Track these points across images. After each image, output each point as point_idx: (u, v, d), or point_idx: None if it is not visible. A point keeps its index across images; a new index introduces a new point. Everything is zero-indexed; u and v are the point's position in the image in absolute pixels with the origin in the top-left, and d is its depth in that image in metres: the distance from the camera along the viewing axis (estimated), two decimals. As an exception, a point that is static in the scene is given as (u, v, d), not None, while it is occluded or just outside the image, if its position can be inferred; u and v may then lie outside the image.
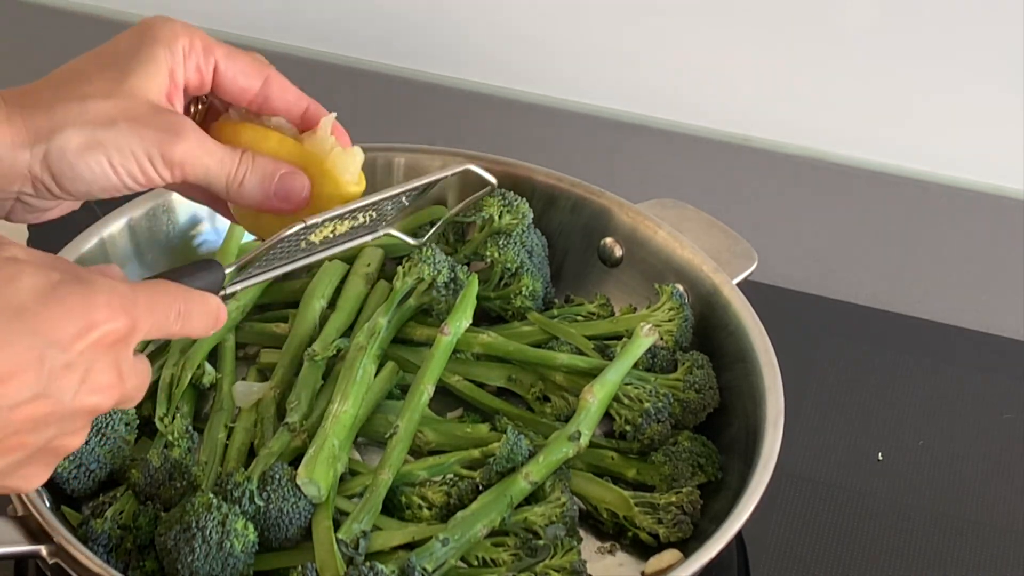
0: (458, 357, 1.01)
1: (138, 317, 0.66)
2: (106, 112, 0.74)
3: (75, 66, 0.76)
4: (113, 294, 0.65)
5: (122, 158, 0.73)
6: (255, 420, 0.97)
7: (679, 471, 0.94)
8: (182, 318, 0.69)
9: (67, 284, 0.64)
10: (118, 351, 0.65)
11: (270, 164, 0.78)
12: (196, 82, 0.79)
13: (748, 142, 1.36)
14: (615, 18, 1.35)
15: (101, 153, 0.73)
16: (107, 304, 0.64)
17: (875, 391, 1.10)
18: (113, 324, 0.64)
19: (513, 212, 1.06)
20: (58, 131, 0.73)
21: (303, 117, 0.81)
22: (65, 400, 0.64)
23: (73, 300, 0.63)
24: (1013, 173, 1.30)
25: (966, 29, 1.26)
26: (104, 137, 0.73)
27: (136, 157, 0.74)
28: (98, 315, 0.64)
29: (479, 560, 0.89)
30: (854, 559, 0.97)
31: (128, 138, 0.73)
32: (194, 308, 0.70)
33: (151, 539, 0.88)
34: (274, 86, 0.80)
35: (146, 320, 0.67)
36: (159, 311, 0.68)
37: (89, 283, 0.65)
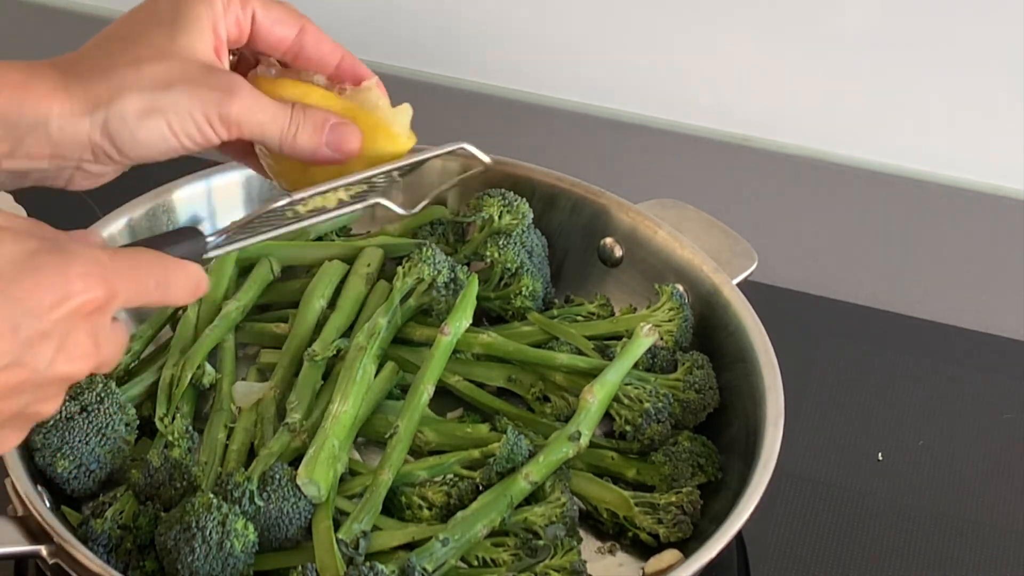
0: (458, 357, 1.01)
1: (116, 286, 0.66)
2: (163, 75, 0.74)
3: (119, 30, 0.77)
4: (91, 263, 0.65)
5: (181, 121, 0.74)
6: (255, 420, 0.97)
7: (679, 471, 0.94)
8: (161, 287, 0.69)
9: (44, 253, 0.64)
10: (95, 320, 0.65)
11: (320, 115, 0.78)
12: (235, 34, 0.79)
13: (748, 142, 1.36)
14: (615, 18, 1.35)
15: (160, 117, 0.73)
16: (84, 274, 0.64)
17: (875, 391, 1.10)
18: (90, 294, 0.64)
19: (513, 212, 1.06)
20: (117, 98, 0.73)
21: (338, 68, 0.81)
22: (40, 368, 0.64)
23: (50, 269, 0.63)
24: (1013, 173, 1.30)
25: (966, 29, 1.26)
26: (163, 102, 0.73)
27: (195, 119, 0.74)
28: (75, 285, 0.64)
29: (479, 560, 0.89)
30: (854, 559, 0.97)
31: (186, 101, 0.74)
32: (173, 276, 0.70)
33: (151, 539, 0.88)
34: (309, 36, 0.80)
35: (124, 289, 0.66)
36: (138, 280, 0.68)
37: (67, 252, 0.64)
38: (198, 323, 1.01)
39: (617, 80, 1.38)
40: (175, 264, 0.70)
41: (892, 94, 1.31)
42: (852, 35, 1.29)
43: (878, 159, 1.33)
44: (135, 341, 1.00)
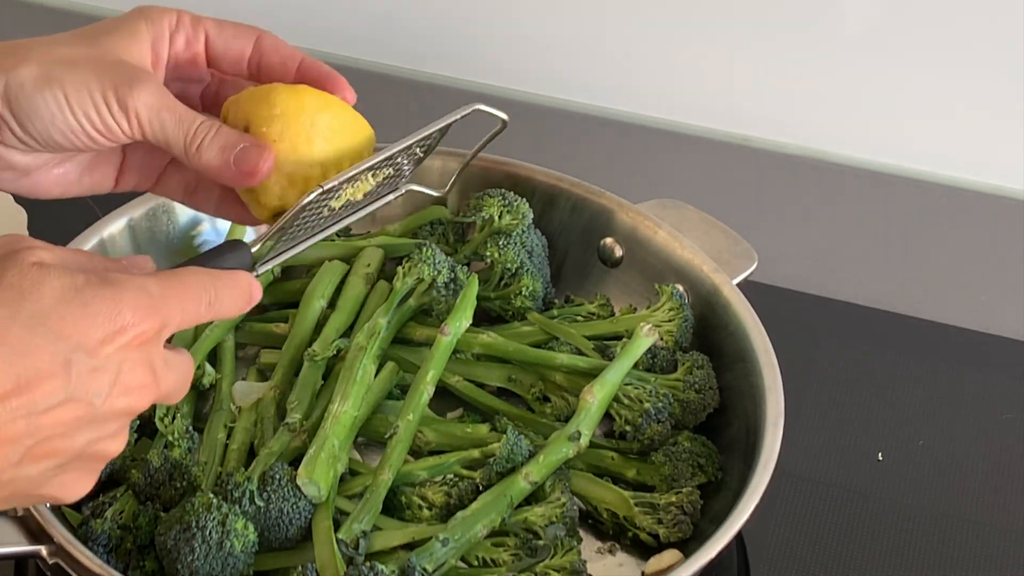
0: (458, 357, 1.01)
1: (168, 313, 0.65)
2: (71, 55, 0.73)
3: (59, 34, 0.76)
4: (140, 294, 0.64)
5: (77, 93, 0.72)
6: (255, 420, 0.97)
7: (679, 471, 0.94)
8: (213, 305, 0.68)
9: (92, 287, 0.63)
10: (149, 350, 0.65)
11: (234, 135, 0.75)
12: (188, 56, 0.78)
13: (748, 142, 1.36)
14: (615, 18, 1.35)
15: (57, 87, 0.72)
16: (134, 306, 0.64)
17: (875, 391, 1.10)
18: (142, 326, 0.64)
19: (513, 212, 1.06)
20: (19, 65, 0.72)
21: (299, 71, 0.80)
22: (96, 403, 0.63)
23: (99, 304, 0.63)
24: (1013, 173, 1.30)
25: (966, 29, 1.26)
26: (62, 73, 0.72)
27: (91, 95, 0.72)
28: (125, 318, 0.63)
29: (479, 560, 0.89)
30: (854, 559, 0.97)
31: (85, 76, 0.72)
32: (224, 291, 0.69)
33: (151, 539, 0.88)
34: (266, 44, 0.79)
35: (176, 314, 0.66)
36: (189, 303, 0.67)
37: (116, 284, 0.64)
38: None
39: (617, 80, 1.38)
40: (225, 278, 0.70)
41: (892, 94, 1.31)
42: (852, 35, 1.29)
43: (878, 159, 1.33)
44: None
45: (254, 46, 0.79)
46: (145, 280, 0.65)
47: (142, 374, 0.64)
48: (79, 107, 0.72)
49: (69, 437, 0.63)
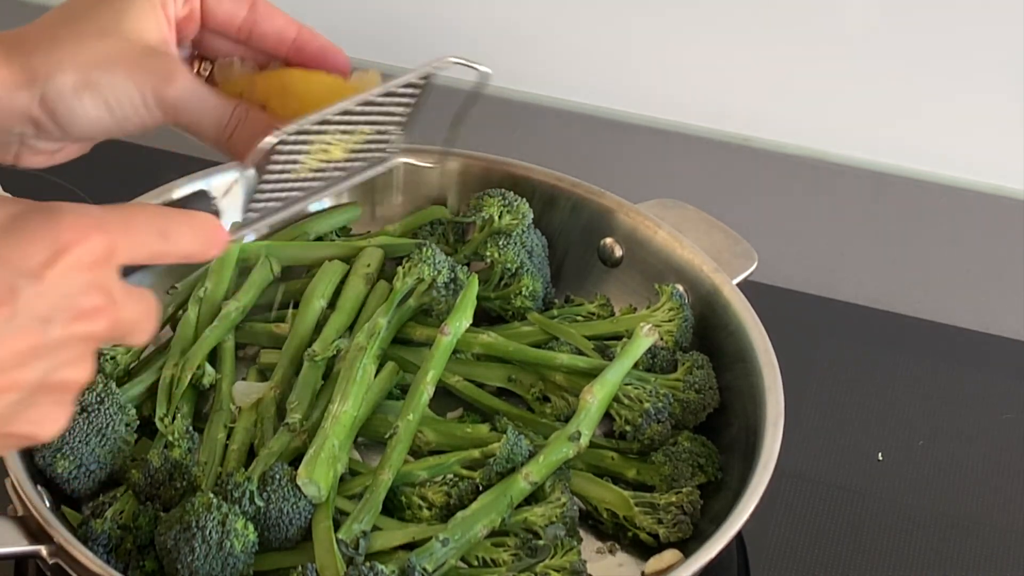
0: (458, 357, 1.01)
1: (114, 235, 0.63)
2: (102, 53, 0.73)
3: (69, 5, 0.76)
4: (80, 214, 0.62)
5: (117, 99, 0.73)
6: (255, 420, 0.96)
7: (679, 471, 0.94)
8: (165, 236, 0.66)
9: (29, 213, 0.61)
10: (100, 272, 0.62)
11: (263, 122, 0.76)
12: (185, 13, 0.78)
13: (748, 142, 1.36)
14: (615, 18, 1.35)
15: (98, 95, 0.73)
16: (74, 224, 0.62)
17: (875, 391, 1.10)
18: (86, 244, 0.62)
19: (513, 212, 1.06)
20: (55, 73, 0.73)
21: (295, 43, 0.80)
22: (48, 329, 0.61)
23: (36, 225, 0.61)
24: (1013, 173, 1.30)
25: (966, 29, 1.26)
26: (100, 79, 0.73)
27: (131, 98, 0.74)
28: (65, 236, 0.61)
29: (479, 560, 0.89)
30: (854, 559, 0.97)
31: (123, 81, 0.73)
32: (179, 225, 0.67)
33: (151, 539, 0.88)
34: (260, 9, 0.80)
35: (124, 238, 0.64)
36: (137, 228, 0.65)
37: (54, 209, 0.62)
38: (198, 323, 1.01)
39: (617, 80, 1.38)
40: (179, 213, 0.67)
41: (892, 94, 1.31)
42: (851, 35, 1.29)
43: (878, 159, 1.33)
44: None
45: (249, 10, 0.80)
46: (87, 206, 0.63)
47: (95, 296, 0.62)
48: (119, 109, 0.74)
49: (26, 366, 0.61)
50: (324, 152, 0.77)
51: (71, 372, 0.63)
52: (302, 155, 0.76)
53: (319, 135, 0.76)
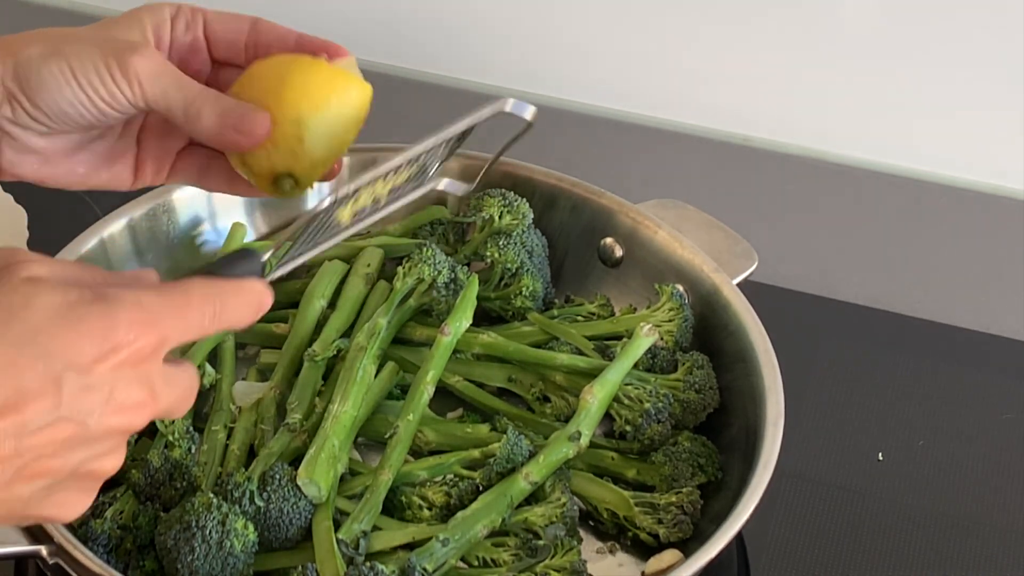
0: (458, 357, 1.01)
1: (166, 328, 0.63)
2: (75, 34, 0.75)
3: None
4: (136, 309, 0.62)
5: (81, 65, 0.73)
6: (255, 420, 0.97)
7: (679, 471, 0.94)
8: (218, 316, 0.66)
9: (86, 303, 0.61)
10: (146, 367, 0.63)
11: (231, 102, 0.75)
12: (188, 40, 0.79)
13: (748, 142, 1.36)
14: (615, 18, 1.35)
15: (62, 59, 0.73)
16: (129, 321, 0.62)
17: (875, 391, 1.10)
18: (138, 343, 0.62)
19: (513, 212, 1.06)
20: (27, 47, 0.74)
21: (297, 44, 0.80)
22: (88, 423, 0.61)
23: (92, 320, 0.61)
24: (1013, 173, 1.30)
25: (966, 29, 1.26)
26: (66, 48, 0.73)
27: (94, 63, 0.73)
28: (120, 335, 0.61)
29: (479, 560, 0.89)
30: (854, 559, 0.97)
31: (88, 48, 0.73)
32: (230, 302, 0.67)
33: (151, 539, 0.88)
34: (262, 26, 0.80)
35: (175, 329, 0.64)
36: (191, 317, 0.65)
37: (110, 300, 0.62)
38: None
39: (617, 80, 1.38)
40: (230, 288, 0.68)
41: (892, 94, 1.31)
42: (852, 35, 1.29)
43: (878, 159, 1.33)
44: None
45: (250, 30, 0.80)
46: (142, 294, 0.63)
47: (138, 392, 0.63)
48: (83, 76, 0.73)
49: (61, 457, 0.61)
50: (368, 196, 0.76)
51: (104, 463, 0.64)
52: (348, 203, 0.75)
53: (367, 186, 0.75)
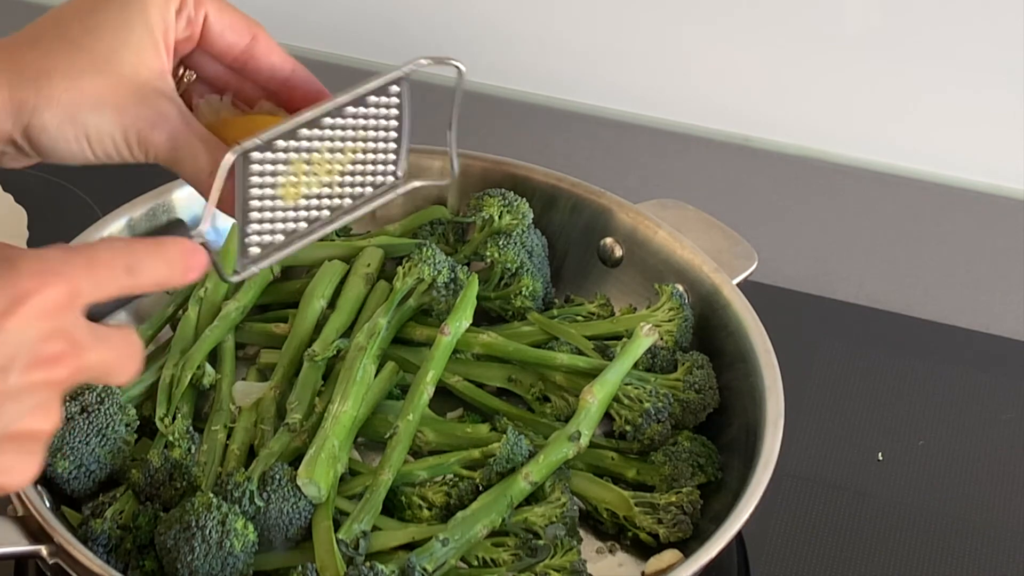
0: (458, 357, 1.01)
1: (74, 279, 0.61)
2: (93, 94, 0.72)
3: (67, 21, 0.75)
4: (39, 260, 0.61)
5: (99, 140, 0.72)
6: (255, 420, 0.96)
7: (679, 471, 0.94)
8: (133, 271, 0.65)
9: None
10: (61, 317, 0.61)
11: None
12: (185, 35, 0.77)
13: (748, 142, 1.36)
14: (615, 18, 1.35)
15: (81, 132, 0.72)
16: (32, 272, 0.60)
17: (875, 391, 1.10)
18: (45, 291, 0.60)
19: (513, 212, 1.06)
20: (42, 107, 0.71)
21: (288, 81, 0.79)
22: (7, 379, 0.60)
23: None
24: (1013, 173, 1.30)
25: (966, 29, 1.26)
26: (86, 119, 0.72)
27: (114, 140, 0.73)
28: (23, 285, 0.60)
29: (479, 560, 0.89)
30: (854, 559, 0.97)
31: (109, 124, 0.72)
32: (145, 257, 0.66)
33: (151, 539, 0.88)
34: (260, 45, 0.78)
35: (87, 280, 0.62)
36: (100, 270, 0.63)
37: (11, 258, 0.61)
38: (198, 323, 1.01)
39: (617, 80, 1.38)
40: (145, 244, 0.66)
41: (892, 94, 1.31)
42: (852, 35, 1.29)
43: (878, 159, 1.33)
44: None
45: (249, 42, 0.78)
46: (46, 251, 0.62)
47: (55, 344, 0.61)
48: (100, 149, 0.73)
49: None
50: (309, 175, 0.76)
51: (36, 421, 0.62)
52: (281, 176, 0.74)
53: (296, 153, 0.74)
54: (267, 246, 0.75)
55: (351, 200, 0.79)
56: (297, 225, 0.76)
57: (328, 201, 0.77)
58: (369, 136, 0.78)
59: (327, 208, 0.77)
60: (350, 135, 0.77)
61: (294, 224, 0.76)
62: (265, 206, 0.74)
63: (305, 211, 0.76)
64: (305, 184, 0.76)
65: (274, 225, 0.75)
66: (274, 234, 0.75)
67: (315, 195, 0.76)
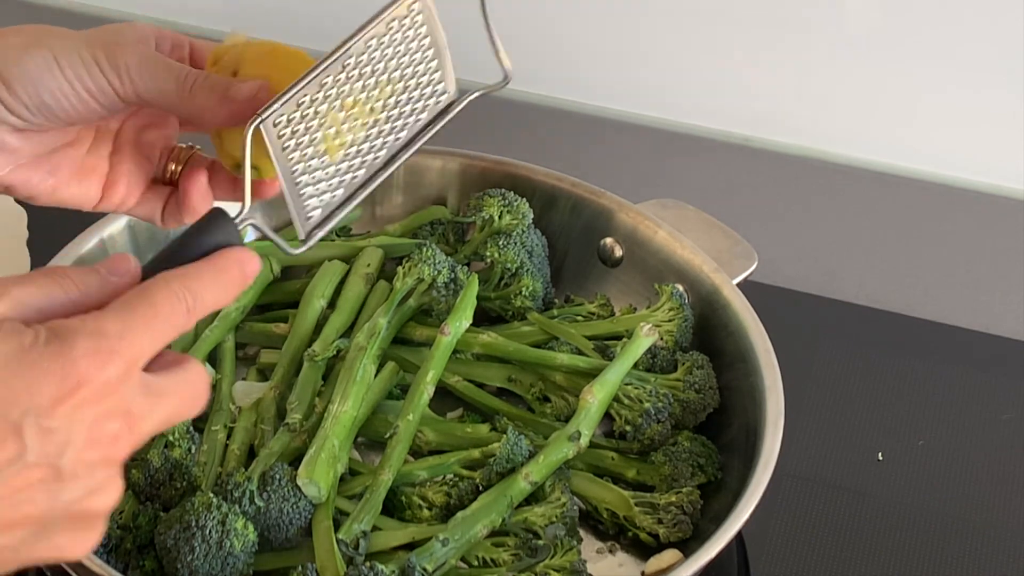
0: (458, 357, 1.01)
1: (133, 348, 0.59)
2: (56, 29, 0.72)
3: None
4: (93, 340, 0.58)
5: (67, 56, 0.71)
6: (255, 420, 0.97)
7: (679, 471, 0.94)
8: (194, 310, 0.62)
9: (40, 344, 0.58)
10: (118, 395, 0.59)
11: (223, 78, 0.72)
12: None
13: (748, 142, 1.36)
14: (615, 18, 1.35)
15: (47, 50, 0.70)
16: (87, 355, 0.58)
17: (875, 391, 1.10)
18: (102, 374, 0.58)
19: (513, 212, 1.06)
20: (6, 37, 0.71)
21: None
22: (61, 464, 0.58)
23: (48, 362, 0.57)
24: (1013, 173, 1.30)
25: (966, 29, 1.26)
26: (48, 39, 0.71)
27: (80, 54, 0.71)
28: (80, 371, 0.58)
29: (479, 560, 0.89)
30: (854, 559, 0.97)
31: (74, 40, 0.71)
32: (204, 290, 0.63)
33: (151, 539, 0.88)
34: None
35: (145, 344, 0.60)
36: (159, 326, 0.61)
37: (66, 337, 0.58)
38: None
39: (617, 80, 1.38)
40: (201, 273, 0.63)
41: (892, 94, 1.30)
42: (853, 35, 1.29)
43: (878, 159, 1.33)
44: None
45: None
46: (101, 322, 0.59)
47: (112, 424, 0.59)
48: (69, 66, 0.71)
49: (37, 502, 0.58)
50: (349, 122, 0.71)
51: (97, 499, 0.60)
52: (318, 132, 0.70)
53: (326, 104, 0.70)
54: (328, 205, 0.71)
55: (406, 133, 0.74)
56: (356, 174, 0.72)
57: (381, 141, 0.73)
58: (402, 64, 0.74)
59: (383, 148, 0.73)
60: (380, 68, 0.72)
61: (350, 175, 0.72)
62: (311, 166, 0.70)
63: (359, 158, 0.72)
64: (349, 131, 0.71)
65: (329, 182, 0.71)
66: (332, 191, 0.71)
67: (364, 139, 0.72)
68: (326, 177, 0.71)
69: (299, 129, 0.69)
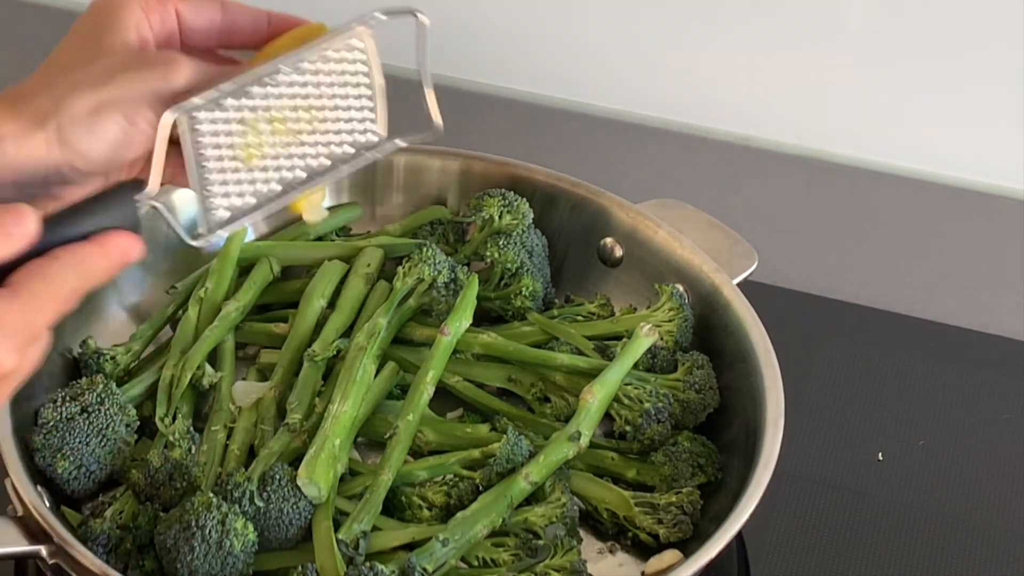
0: (458, 357, 1.01)
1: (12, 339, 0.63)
2: (101, 71, 0.72)
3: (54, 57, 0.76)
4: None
5: (134, 107, 0.71)
6: (255, 420, 0.96)
7: (679, 471, 0.94)
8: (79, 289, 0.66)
9: None
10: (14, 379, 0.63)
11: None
12: (166, 32, 0.77)
13: (748, 142, 1.36)
14: (615, 18, 1.35)
15: (113, 109, 0.71)
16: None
17: (875, 391, 1.10)
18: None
19: (513, 212, 1.06)
20: (63, 103, 0.71)
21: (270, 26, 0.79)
22: None
23: None
24: (1013, 173, 1.30)
25: (966, 29, 1.26)
26: (111, 94, 0.71)
27: (146, 100, 0.72)
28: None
29: (479, 560, 0.89)
30: (854, 559, 0.97)
31: (132, 86, 0.72)
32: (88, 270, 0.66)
33: (151, 539, 0.88)
34: (232, 8, 0.79)
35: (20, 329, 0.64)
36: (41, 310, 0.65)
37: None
38: (198, 323, 1.01)
39: (617, 80, 1.38)
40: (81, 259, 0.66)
41: (892, 94, 1.31)
42: (852, 36, 1.29)
43: (878, 159, 1.33)
44: (134, 341, 1.01)
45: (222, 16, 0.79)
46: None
47: None
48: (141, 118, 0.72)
49: None
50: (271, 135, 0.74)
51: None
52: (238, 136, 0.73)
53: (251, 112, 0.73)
54: (236, 209, 0.73)
55: (328, 160, 0.76)
56: (268, 187, 0.74)
57: (302, 161, 0.75)
58: (336, 93, 0.77)
59: (302, 168, 0.75)
60: (312, 92, 0.75)
61: (265, 186, 0.74)
62: (226, 167, 0.72)
63: (276, 172, 0.74)
64: (268, 144, 0.74)
65: (241, 187, 0.73)
66: (243, 196, 0.73)
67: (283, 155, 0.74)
68: (237, 181, 0.73)
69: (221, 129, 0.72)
